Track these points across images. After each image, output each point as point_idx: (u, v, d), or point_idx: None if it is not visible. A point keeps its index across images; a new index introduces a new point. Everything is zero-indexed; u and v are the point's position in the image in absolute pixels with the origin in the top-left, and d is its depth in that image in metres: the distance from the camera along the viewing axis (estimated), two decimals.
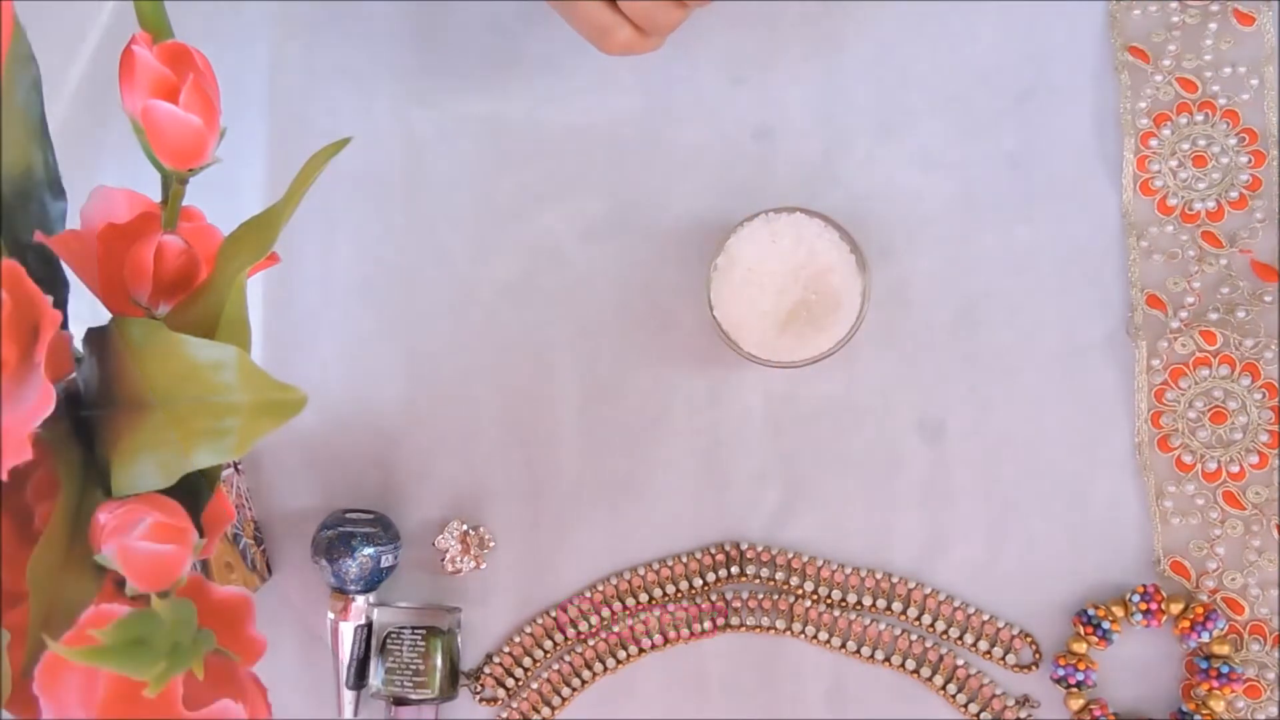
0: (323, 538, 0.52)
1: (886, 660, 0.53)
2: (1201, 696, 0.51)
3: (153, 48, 0.33)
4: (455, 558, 0.54)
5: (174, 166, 0.34)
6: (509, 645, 0.54)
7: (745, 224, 0.50)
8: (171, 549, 0.30)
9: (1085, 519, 0.53)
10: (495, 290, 0.55)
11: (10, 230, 0.34)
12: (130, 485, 0.31)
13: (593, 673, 0.54)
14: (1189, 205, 0.53)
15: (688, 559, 0.54)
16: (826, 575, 0.53)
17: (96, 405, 0.33)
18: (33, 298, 0.30)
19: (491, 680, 0.54)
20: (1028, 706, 0.52)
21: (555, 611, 0.54)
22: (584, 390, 0.55)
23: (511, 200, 0.56)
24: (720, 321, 0.50)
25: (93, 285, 0.36)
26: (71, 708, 0.29)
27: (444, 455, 0.55)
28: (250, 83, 0.57)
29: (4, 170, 0.34)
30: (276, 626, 0.54)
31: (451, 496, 0.55)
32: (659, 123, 0.56)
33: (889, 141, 0.54)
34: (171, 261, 0.35)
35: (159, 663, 0.28)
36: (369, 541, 0.52)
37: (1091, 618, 0.51)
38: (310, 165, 0.33)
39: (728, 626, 0.54)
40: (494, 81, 0.56)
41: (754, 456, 0.54)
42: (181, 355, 0.30)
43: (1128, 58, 0.54)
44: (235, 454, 0.29)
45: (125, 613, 0.28)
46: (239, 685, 0.32)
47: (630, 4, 0.47)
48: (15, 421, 0.29)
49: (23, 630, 0.30)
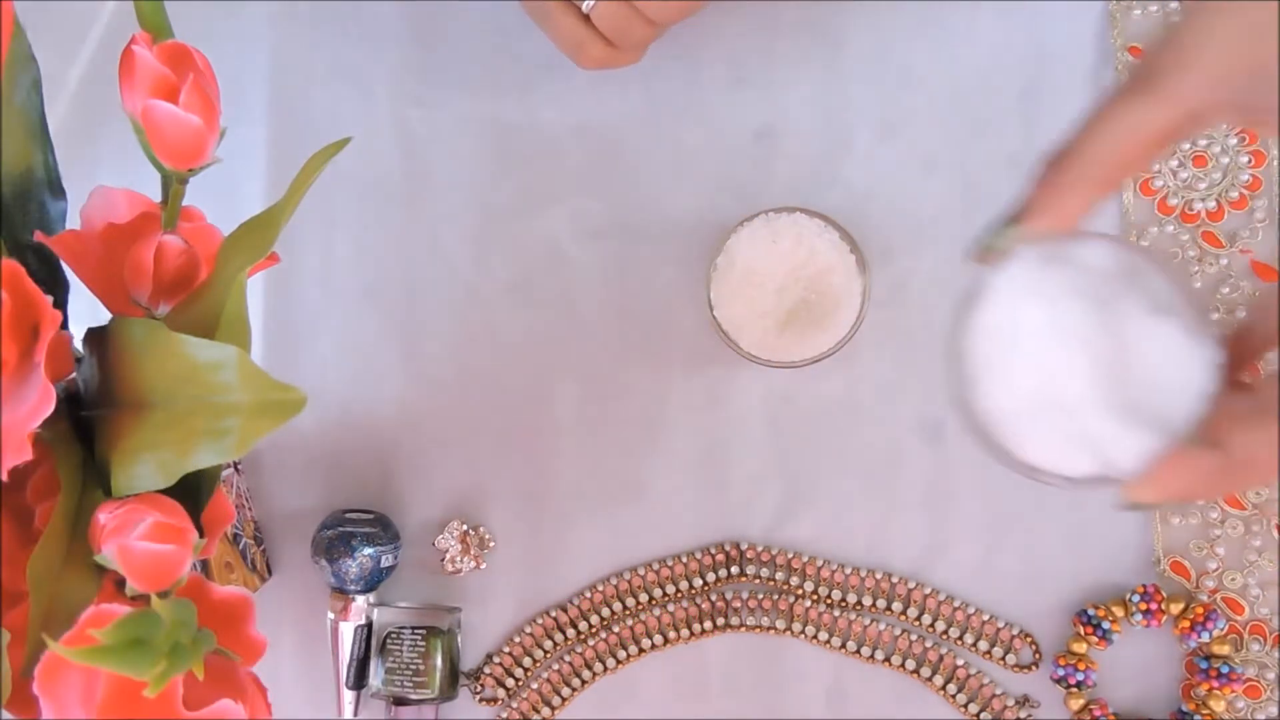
0: (323, 538, 0.52)
1: (886, 660, 0.53)
2: (1201, 696, 0.51)
3: (153, 48, 0.33)
4: (455, 558, 0.54)
5: (174, 166, 0.34)
6: (509, 645, 0.54)
7: (745, 224, 0.50)
8: (171, 549, 0.30)
9: (1085, 519, 0.53)
10: (495, 290, 0.55)
11: (10, 230, 0.34)
12: (130, 485, 0.31)
13: (593, 673, 0.54)
14: (1189, 205, 0.53)
15: (688, 559, 0.54)
16: (826, 575, 0.53)
17: (96, 405, 0.33)
18: (33, 298, 0.30)
19: (491, 680, 0.54)
20: (1028, 706, 0.52)
21: (555, 611, 0.54)
22: (584, 390, 0.55)
23: (511, 200, 0.56)
24: (720, 321, 0.50)
25: (93, 285, 0.36)
26: (71, 708, 0.29)
27: (444, 455, 0.55)
28: (250, 83, 0.57)
29: (4, 170, 0.34)
30: (276, 626, 0.54)
31: (451, 496, 0.55)
32: (659, 123, 0.56)
33: (889, 141, 0.54)
34: (171, 261, 0.35)
35: (159, 663, 0.28)
36: (369, 541, 0.52)
37: (1091, 618, 0.51)
38: (310, 165, 0.33)
39: (728, 626, 0.54)
40: (494, 81, 0.56)
41: (754, 456, 0.54)
42: (181, 355, 0.30)
43: (1128, 58, 0.54)
44: (235, 454, 0.29)
45: (125, 613, 0.28)
46: (239, 685, 0.32)
47: (601, 19, 0.47)
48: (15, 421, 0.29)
49: (23, 630, 0.30)
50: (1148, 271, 0.33)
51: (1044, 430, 0.33)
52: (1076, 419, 0.32)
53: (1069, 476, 0.33)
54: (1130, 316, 0.32)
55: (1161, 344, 0.32)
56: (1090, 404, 0.32)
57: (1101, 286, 0.33)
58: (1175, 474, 0.31)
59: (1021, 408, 0.33)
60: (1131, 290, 0.33)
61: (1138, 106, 0.31)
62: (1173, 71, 0.31)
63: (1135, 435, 0.32)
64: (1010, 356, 0.33)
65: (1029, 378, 0.33)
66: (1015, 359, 0.33)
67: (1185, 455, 0.31)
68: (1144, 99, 0.31)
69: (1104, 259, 0.33)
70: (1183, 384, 0.32)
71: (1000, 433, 0.34)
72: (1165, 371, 0.32)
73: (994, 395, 0.33)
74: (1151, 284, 0.33)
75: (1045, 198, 0.33)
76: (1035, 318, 0.33)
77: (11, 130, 0.34)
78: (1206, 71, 0.30)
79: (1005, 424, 0.33)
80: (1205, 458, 0.31)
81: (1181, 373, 0.32)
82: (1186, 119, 0.31)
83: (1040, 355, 0.32)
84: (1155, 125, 0.31)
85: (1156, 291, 0.33)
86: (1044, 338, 0.32)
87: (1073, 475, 0.33)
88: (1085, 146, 0.32)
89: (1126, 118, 0.31)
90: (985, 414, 0.34)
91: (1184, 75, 0.31)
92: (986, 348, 0.34)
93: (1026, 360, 0.33)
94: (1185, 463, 0.31)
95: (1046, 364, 0.32)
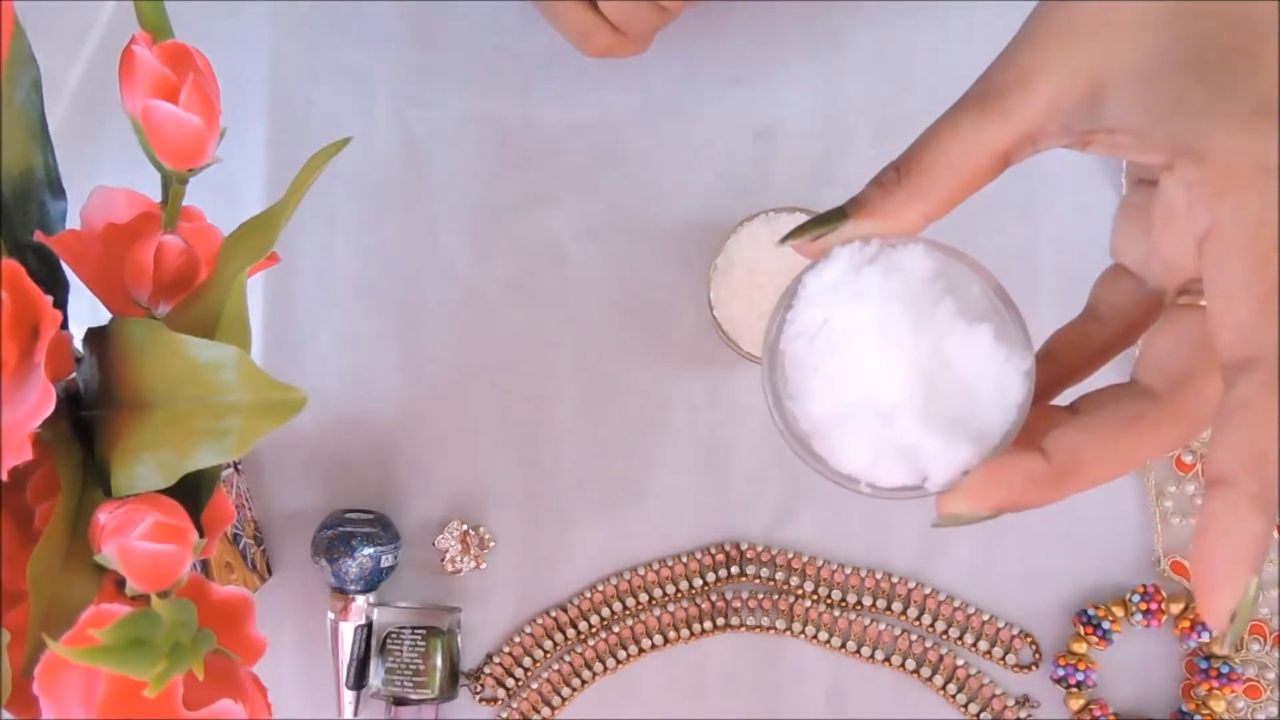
0: (323, 538, 0.52)
1: (886, 660, 0.53)
2: (1201, 696, 0.51)
3: (153, 48, 0.33)
4: (455, 558, 0.54)
5: (174, 166, 0.34)
6: (509, 645, 0.54)
7: (745, 224, 0.50)
8: (171, 549, 0.30)
9: (1085, 519, 0.53)
10: (495, 290, 0.55)
11: (10, 230, 0.34)
12: (130, 485, 0.31)
13: (593, 673, 0.54)
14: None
15: (688, 559, 0.54)
16: (826, 575, 0.53)
17: (96, 405, 0.33)
18: (33, 298, 0.30)
19: (491, 680, 0.54)
20: (1028, 706, 0.52)
21: (555, 611, 0.54)
22: (584, 390, 0.55)
23: (511, 200, 0.56)
24: (720, 321, 0.50)
25: (93, 285, 0.36)
26: (71, 708, 0.29)
27: (444, 455, 0.55)
28: (250, 83, 0.57)
29: (4, 170, 0.34)
30: (276, 626, 0.54)
31: (451, 496, 0.55)
32: (659, 123, 0.56)
33: (889, 141, 0.54)
34: (171, 261, 0.35)
35: (159, 663, 0.28)
36: (369, 541, 0.52)
37: (1091, 618, 0.51)
38: (310, 165, 0.33)
39: (728, 626, 0.54)
40: (494, 81, 0.56)
41: (754, 456, 0.54)
42: (181, 355, 0.30)
43: None
44: (235, 454, 0.29)
45: (125, 613, 0.28)
46: (239, 685, 0.32)
47: (609, 6, 0.47)
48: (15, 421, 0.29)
49: (23, 630, 0.30)
50: (966, 277, 0.32)
51: (859, 438, 0.31)
52: (891, 427, 0.31)
53: (884, 486, 0.32)
54: (946, 324, 0.31)
55: (975, 353, 0.31)
56: (906, 412, 0.31)
57: (920, 292, 0.32)
58: (993, 484, 0.30)
59: (837, 413, 0.32)
60: (948, 296, 0.32)
61: (978, 125, 0.30)
62: (1014, 92, 0.30)
63: (949, 446, 0.31)
64: (828, 359, 0.32)
65: (846, 383, 0.32)
66: (833, 362, 0.32)
67: (1003, 464, 0.30)
68: (984, 117, 0.30)
69: (923, 263, 0.32)
70: (996, 394, 0.31)
71: (815, 439, 0.32)
72: (979, 381, 0.31)
73: (810, 399, 0.32)
74: (969, 290, 0.32)
75: (877, 199, 0.32)
76: (855, 320, 0.31)
77: (11, 130, 0.34)
78: (1045, 97, 0.29)
79: (820, 430, 0.32)
80: (1025, 465, 0.29)
81: (995, 382, 0.31)
82: (1025, 141, 0.30)
83: (858, 360, 0.31)
84: (994, 145, 0.30)
85: (974, 298, 0.32)
86: (863, 342, 0.31)
87: (888, 485, 0.32)
88: (924, 156, 0.31)
89: (968, 136, 0.31)
90: (801, 419, 0.32)
91: (1025, 97, 0.30)
92: (804, 349, 0.32)
93: (844, 364, 0.32)
94: (1004, 472, 0.30)
95: (864, 369, 0.31)
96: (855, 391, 0.32)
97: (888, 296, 0.31)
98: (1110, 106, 0.29)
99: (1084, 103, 0.29)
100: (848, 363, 0.32)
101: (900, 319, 0.31)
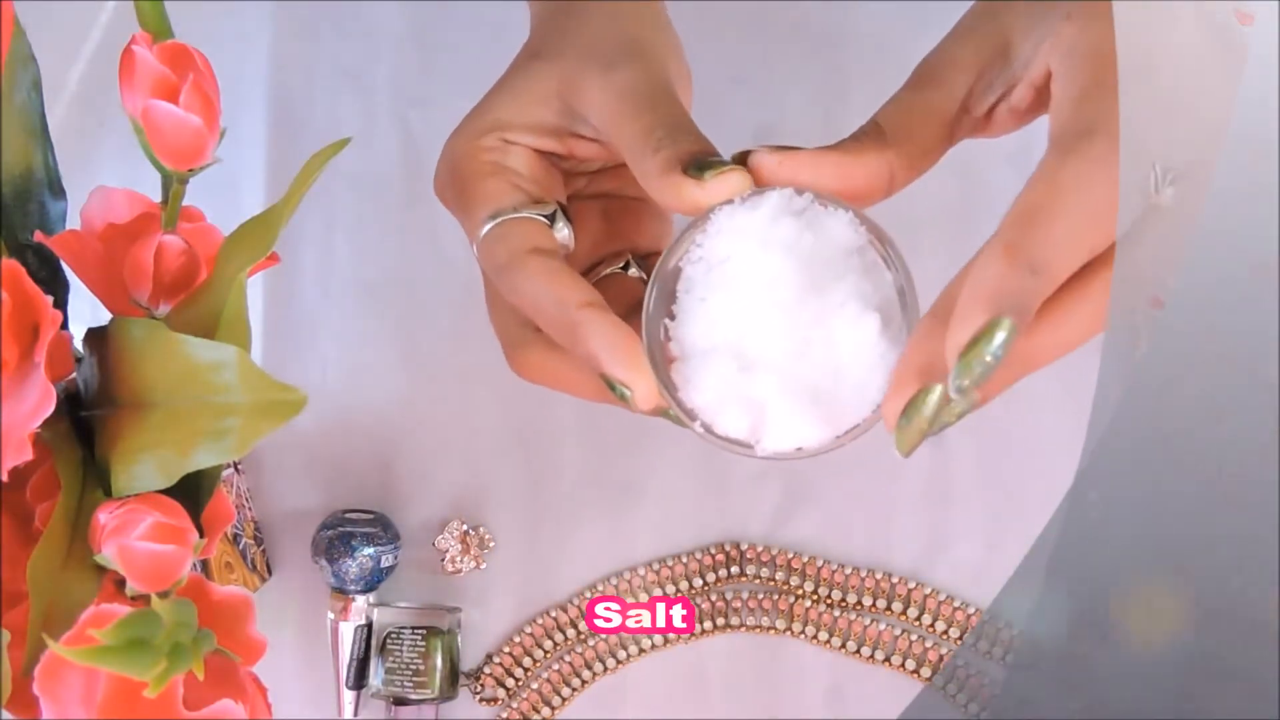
0: (323, 538, 0.52)
1: (886, 660, 0.53)
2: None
3: (153, 48, 0.33)
4: (455, 558, 0.54)
5: (174, 166, 0.34)
6: (509, 645, 0.54)
7: None
8: (171, 549, 0.30)
9: None
10: None
11: (10, 230, 0.34)
12: (130, 485, 0.31)
13: (593, 673, 0.54)
14: None
15: (688, 559, 0.54)
16: (826, 575, 0.53)
17: (96, 405, 0.33)
18: (33, 298, 0.30)
19: (491, 680, 0.54)
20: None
21: (555, 611, 0.54)
22: None
23: None
24: None
25: (93, 285, 0.36)
26: (71, 708, 0.29)
27: (444, 455, 0.55)
28: (250, 83, 0.57)
29: (4, 170, 0.34)
30: (276, 626, 0.54)
31: (451, 496, 0.55)
32: None
33: None
34: (171, 261, 0.35)
35: (159, 663, 0.28)
36: (369, 541, 0.52)
37: None
38: (310, 165, 0.33)
39: (727, 626, 0.54)
40: (494, 81, 0.56)
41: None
42: (181, 355, 0.30)
43: None
44: (235, 454, 0.29)
45: (125, 613, 0.28)
46: (239, 685, 0.32)
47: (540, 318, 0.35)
48: (15, 421, 0.29)
49: (23, 630, 0.30)
50: (878, 261, 0.32)
51: (715, 376, 0.32)
52: (749, 377, 0.31)
53: (718, 433, 0.32)
54: (839, 300, 0.31)
55: (857, 338, 0.31)
56: (768, 369, 0.31)
57: (829, 259, 0.32)
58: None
59: (706, 347, 0.32)
60: (854, 275, 0.32)
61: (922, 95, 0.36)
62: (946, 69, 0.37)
63: (794, 415, 0.31)
64: (716, 293, 0.32)
65: (724, 322, 0.32)
66: (720, 297, 0.32)
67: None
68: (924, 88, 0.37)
69: (844, 233, 0.32)
70: (860, 385, 0.31)
71: (676, 364, 0.32)
72: (849, 366, 0.31)
73: (687, 324, 0.32)
74: (879, 277, 0.32)
75: (822, 154, 0.33)
76: (754, 266, 0.31)
77: (11, 130, 0.34)
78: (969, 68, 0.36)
79: (684, 355, 0.32)
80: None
81: (863, 373, 0.31)
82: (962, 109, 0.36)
83: (743, 305, 0.31)
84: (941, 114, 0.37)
85: (879, 285, 0.32)
86: (753, 289, 0.31)
87: (721, 433, 0.32)
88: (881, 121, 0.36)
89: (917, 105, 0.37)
90: (672, 340, 0.33)
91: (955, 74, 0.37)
92: (700, 275, 0.32)
93: (729, 304, 0.32)
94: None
95: (745, 315, 0.31)
96: (729, 332, 0.32)
97: (793, 253, 0.31)
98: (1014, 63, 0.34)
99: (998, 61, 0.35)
100: (733, 304, 0.32)
101: (796, 279, 0.31)
